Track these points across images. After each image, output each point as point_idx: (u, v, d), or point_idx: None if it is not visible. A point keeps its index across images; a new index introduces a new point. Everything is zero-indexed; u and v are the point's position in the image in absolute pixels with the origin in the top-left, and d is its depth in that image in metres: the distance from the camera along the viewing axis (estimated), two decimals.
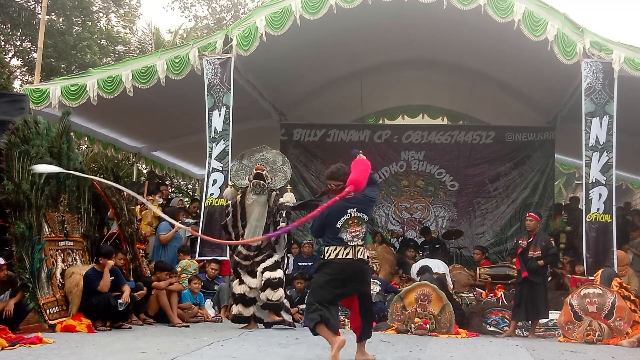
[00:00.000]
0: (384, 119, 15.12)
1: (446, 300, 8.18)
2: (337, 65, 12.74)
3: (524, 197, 13.41)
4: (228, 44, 9.88)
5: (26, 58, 19.28)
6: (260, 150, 8.28)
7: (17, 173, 7.20)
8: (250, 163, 8.19)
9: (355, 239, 5.20)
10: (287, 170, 8.25)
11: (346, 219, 5.20)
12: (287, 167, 8.27)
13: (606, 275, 8.12)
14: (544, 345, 7.35)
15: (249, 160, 8.22)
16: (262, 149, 8.31)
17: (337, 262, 5.18)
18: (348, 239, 5.19)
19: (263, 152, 8.27)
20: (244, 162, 8.24)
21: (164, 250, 9.96)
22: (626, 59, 8.92)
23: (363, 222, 5.23)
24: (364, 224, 5.24)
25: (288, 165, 8.31)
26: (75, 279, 7.45)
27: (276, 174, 8.16)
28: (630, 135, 11.29)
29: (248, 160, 8.22)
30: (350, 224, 5.20)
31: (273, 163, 8.20)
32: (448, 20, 10.15)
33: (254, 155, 8.24)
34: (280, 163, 8.23)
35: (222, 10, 25.70)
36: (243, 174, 8.19)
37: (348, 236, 5.19)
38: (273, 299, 7.74)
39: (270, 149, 8.51)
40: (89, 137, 12.51)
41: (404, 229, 13.76)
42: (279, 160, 8.26)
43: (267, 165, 8.13)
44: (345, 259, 5.17)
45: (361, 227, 5.22)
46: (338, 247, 5.18)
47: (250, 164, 8.17)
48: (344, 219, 5.20)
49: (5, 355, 5.32)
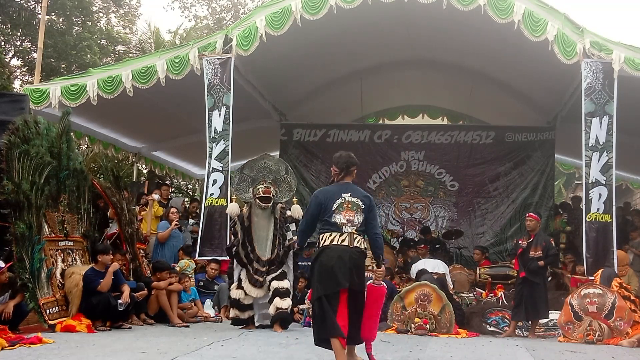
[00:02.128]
0: (384, 119, 15.11)
1: (446, 300, 8.18)
2: (337, 65, 12.74)
3: (524, 197, 13.41)
4: (228, 44, 9.88)
5: (26, 58, 19.28)
6: (262, 159, 8.04)
7: (17, 173, 7.21)
8: (252, 173, 7.96)
9: (350, 224, 4.97)
10: (292, 181, 8.05)
11: (340, 202, 5.02)
12: (292, 178, 8.08)
13: (606, 275, 8.12)
14: (544, 345, 7.36)
15: (250, 170, 7.99)
16: (264, 157, 8.08)
17: (331, 248, 4.94)
18: (342, 222, 4.96)
19: (265, 160, 8.04)
20: (245, 172, 8.00)
21: (162, 249, 9.98)
22: (626, 59, 8.91)
23: (358, 208, 5.01)
24: (359, 211, 5.00)
25: (292, 175, 8.13)
26: (75, 279, 7.45)
27: (280, 184, 7.95)
28: (630, 135, 11.30)
29: (249, 170, 7.99)
30: (345, 207, 5.00)
31: (276, 172, 7.98)
32: (448, 20, 10.15)
33: (256, 165, 8.00)
34: (283, 172, 8.01)
35: (222, 10, 25.71)
36: (246, 186, 7.96)
37: (342, 219, 4.97)
38: (283, 306, 7.64)
39: (271, 156, 8.37)
40: (89, 137, 12.51)
41: (404, 229, 13.76)
42: (282, 169, 8.04)
43: (271, 175, 7.92)
44: (340, 245, 4.93)
45: (355, 214, 4.99)
46: (333, 233, 4.97)
47: (252, 173, 7.96)
48: (338, 202, 5.02)
49: (5, 355, 5.32)
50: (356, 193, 5.10)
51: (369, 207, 5.08)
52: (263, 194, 7.74)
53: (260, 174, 7.94)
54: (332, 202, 5.02)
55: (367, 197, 5.13)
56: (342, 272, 4.86)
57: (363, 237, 5.05)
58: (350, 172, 5.21)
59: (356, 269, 4.96)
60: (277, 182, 7.95)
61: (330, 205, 5.01)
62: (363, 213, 5.03)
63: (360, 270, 5.03)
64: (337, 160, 5.24)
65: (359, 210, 5.02)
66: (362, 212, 5.03)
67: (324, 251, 4.98)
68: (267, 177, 7.91)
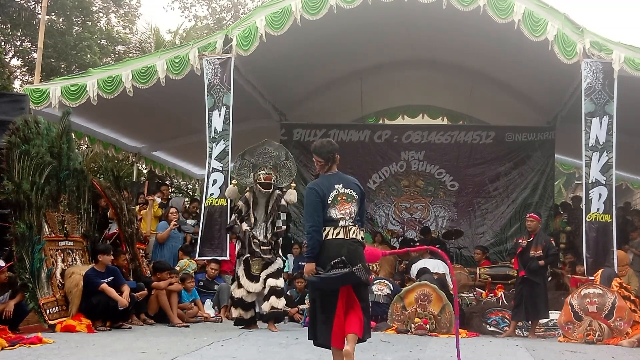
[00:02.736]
0: (384, 119, 15.12)
1: (446, 300, 8.18)
2: (337, 65, 12.74)
3: (524, 197, 13.42)
4: (228, 44, 9.88)
5: (26, 58, 19.28)
6: (262, 145, 8.17)
7: (17, 173, 7.21)
8: (252, 158, 8.12)
9: (346, 217, 4.73)
10: (292, 166, 8.19)
11: (334, 194, 4.77)
12: (292, 163, 8.22)
13: (606, 275, 8.12)
14: (544, 345, 7.36)
15: (251, 155, 8.14)
16: (264, 142, 8.20)
17: (327, 242, 4.69)
18: (338, 217, 4.72)
19: (265, 145, 8.17)
20: (246, 157, 8.16)
21: (161, 249, 9.98)
22: (626, 59, 8.91)
23: (352, 199, 4.77)
24: (353, 202, 4.77)
25: (292, 161, 8.26)
26: (75, 279, 7.45)
27: (280, 169, 8.10)
28: (630, 135, 11.29)
29: (250, 156, 8.14)
30: (339, 200, 4.75)
31: (277, 158, 8.12)
32: (448, 20, 10.15)
33: (256, 150, 8.14)
34: (283, 158, 8.15)
35: (222, 10, 25.69)
36: (247, 171, 8.13)
37: (338, 213, 4.73)
38: (278, 306, 7.81)
39: (272, 141, 8.46)
40: (89, 137, 12.51)
41: (404, 229, 13.77)
42: (282, 154, 8.18)
43: (271, 161, 8.07)
44: (335, 239, 4.69)
45: (350, 205, 4.75)
46: (327, 228, 4.72)
47: (253, 159, 8.11)
48: (333, 195, 4.77)
49: (5, 355, 5.32)
50: (348, 183, 4.85)
51: (361, 197, 4.88)
52: (264, 180, 7.90)
53: (261, 159, 8.08)
54: (327, 196, 4.77)
55: (357, 185, 4.90)
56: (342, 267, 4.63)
57: (359, 227, 4.82)
58: (336, 160, 4.92)
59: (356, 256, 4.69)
60: (277, 168, 8.10)
61: (326, 199, 4.77)
62: (358, 204, 4.82)
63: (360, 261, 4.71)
64: (320, 151, 4.89)
65: (354, 201, 4.80)
66: (357, 203, 4.81)
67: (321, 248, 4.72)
68: (268, 163, 8.04)
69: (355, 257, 4.68)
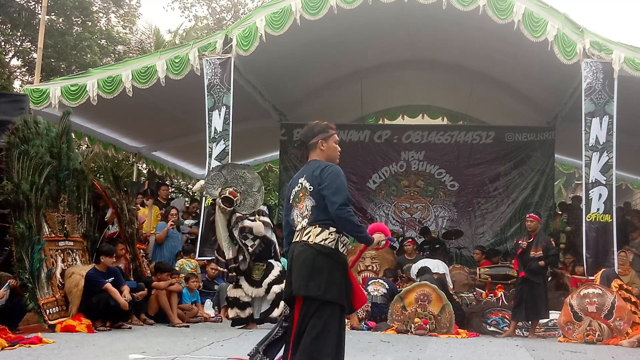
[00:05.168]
0: (384, 119, 15.12)
1: (446, 300, 8.19)
2: (337, 65, 12.74)
3: (524, 197, 13.42)
4: (228, 44, 9.88)
5: (26, 58, 19.29)
6: (243, 168, 8.19)
7: (17, 173, 7.21)
8: (228, 175, 8.04)
9: (301, 218, 3.92)
10: (259, 200, 8.05)
11: (296, 191, 4.00)
12: (260, 197, 8.10)
13: (606, 275, 8.12)
14: (544, 345, 7.36)
15: (228, 172, 8.07)
16: (246, 167, 8.22)
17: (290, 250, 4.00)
18: (297, 220, 3.96)
19: (245, 170, 8.15)
20: (223, 172, 8.09)
21: (161, 249, 9.98)
22: (626, 59, 8.92)
23: (306, 192, 3.89)
24: (307, 195, 3.89)
25: (262, 196, 8.15)
26: (75, 279, 7.45)
27: (247, 198, 7.98)
28: (630, 135, 11.29)
29: (227, 172, 8.07)
30: (300, 197, 3.95)
31: (249, 186, 8.02)
32: (448, 21, 10.15)
33: (235, 170, 8.10)
34: (255, 189, 8.03)
35: (222, 10, 25.70)
36: (218, 184, 8.03)
37: (297, 216, 3.97)
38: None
39: (254, 171, 8.43)
40: (89, 137, 12.51)
41: (404, 229, 13.75)
42: (255, 185, 8.06)
43: (243, 185, 8.00)
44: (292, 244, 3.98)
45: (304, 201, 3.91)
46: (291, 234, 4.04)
47: (229, 176, 8.03)
48: (294, 193, 4.01)
49: (5, 355, 5.32)
50: (309, 173, 3.94)
51: (318, 184, 3.85)
52: (228, 194, 7.82)
53: (235, 180, 8.01)
54: (290, 196, 4.06)
55: (318, 173, 3.88)
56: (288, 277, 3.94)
57: (323, 226, 3.85)
58: (311, 146, 4.01)
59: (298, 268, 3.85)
60: (245, 195, 7.98)
61: (290, 199, 4.05)
62: (311, 196, 3.88)
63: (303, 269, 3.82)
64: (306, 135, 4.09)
65: (307, 195, 3.90)
66: (309, 196, 3.89)
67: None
68: (239, 187, 7.98)
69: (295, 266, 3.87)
